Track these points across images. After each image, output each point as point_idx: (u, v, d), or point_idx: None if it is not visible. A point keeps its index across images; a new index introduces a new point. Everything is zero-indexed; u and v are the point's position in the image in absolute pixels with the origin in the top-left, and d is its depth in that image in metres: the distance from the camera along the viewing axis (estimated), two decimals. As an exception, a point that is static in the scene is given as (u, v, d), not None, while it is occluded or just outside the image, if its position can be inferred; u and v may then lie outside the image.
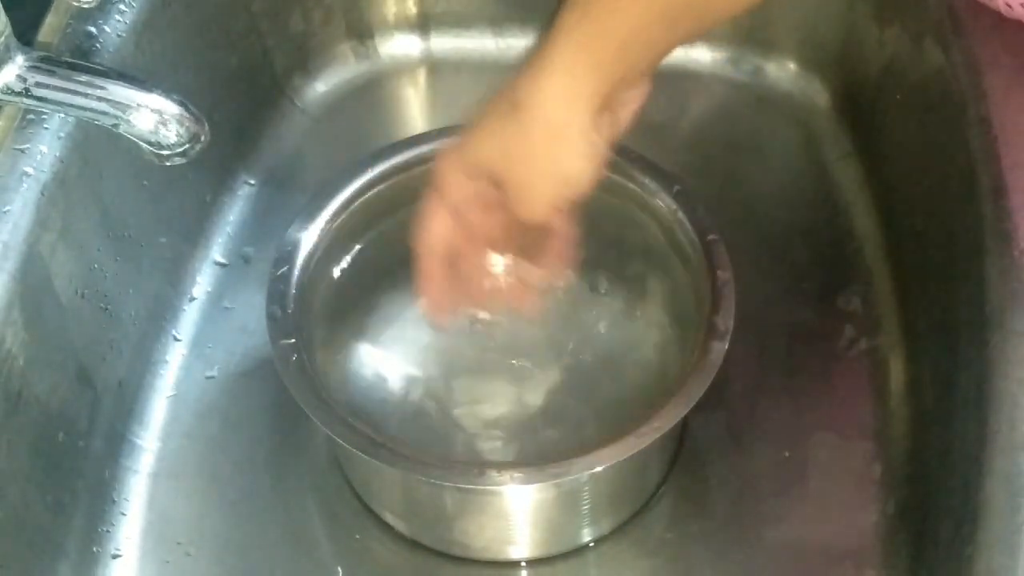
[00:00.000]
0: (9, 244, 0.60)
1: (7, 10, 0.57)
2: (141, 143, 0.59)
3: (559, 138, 0.57)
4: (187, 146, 0.60)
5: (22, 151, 0.63)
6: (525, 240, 0.63)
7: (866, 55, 0.82)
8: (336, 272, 0.70)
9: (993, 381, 0.58)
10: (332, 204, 0.70)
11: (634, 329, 0.72)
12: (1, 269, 0.59)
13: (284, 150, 0.88)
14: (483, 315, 0.71)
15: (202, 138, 0.60)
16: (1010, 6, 0.67)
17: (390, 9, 0.92)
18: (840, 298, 0.77)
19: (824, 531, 0.68)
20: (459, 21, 0.92)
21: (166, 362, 0.76)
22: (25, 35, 0.63)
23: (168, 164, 0.60)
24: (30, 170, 0.62)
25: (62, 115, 0.64)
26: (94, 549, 0.68)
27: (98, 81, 0.59)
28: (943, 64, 0.71)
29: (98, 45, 0.68)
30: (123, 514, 0.70)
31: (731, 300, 0.64)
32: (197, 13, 0.78)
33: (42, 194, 0.62)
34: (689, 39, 0.59)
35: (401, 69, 0.93)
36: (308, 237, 0.68)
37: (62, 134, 0.64)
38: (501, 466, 0.61)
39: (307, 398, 0.62)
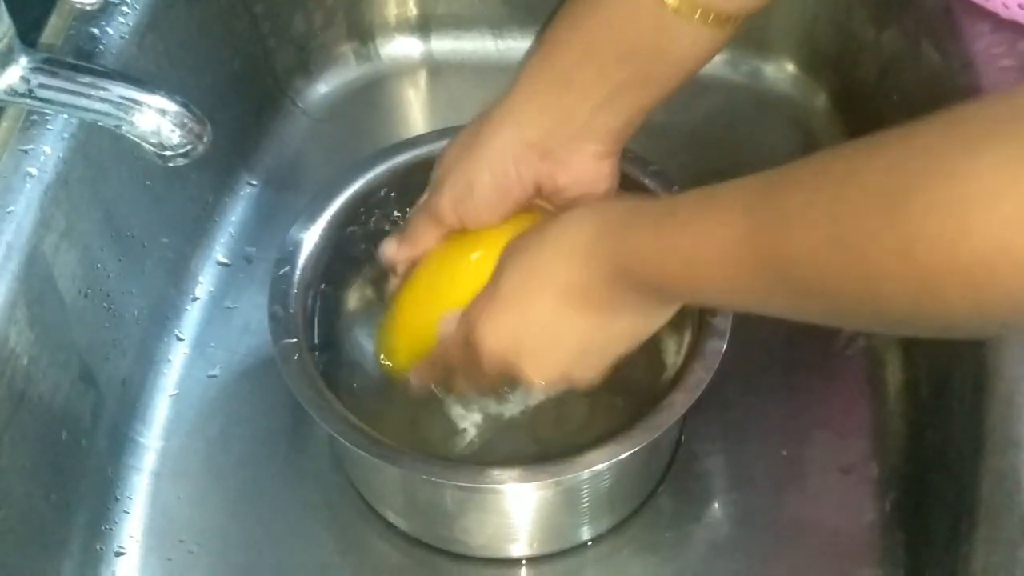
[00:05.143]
0: (13, 244, 0.60)
1: (11, 12, 0.58)
2: (144, 144, 0.59)
3: (489, 149, 0.61)
4: (189, 147, 0.60)
5: (26, 152, 0.63)
6: None
7: (864, 57, 0.83)
8: (337, 272, 0.71)
9: (989, 379, 0.59)
10: (333, 204, 0.70)
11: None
12: (5, 269, 0.60)
13: (286, 151, 0.88)
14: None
15: (204, 139, 0.60)
16: (1007, 7, 0.68)
17: (391, 11, 0.92)
18: (838, 297, 0.78)
19: (821, 529, 0.69)
20: (459, 23, 0.93)
21: (169, 361, 0.76)
22: (28, 37, 0.63)
23: (170, 165, 0.60)
24: (33, 171, 0.63)
25: (65, 116, 0.64)
26: (97, 547, 0.68)
27: (101, 82, 0.59)
28: (940, 65, 0.72)
29: (101, 46, 0.68)
30: (126, 512, 0.70)
31: (729, 299, 0.64)
32: (199, 15, 0.78)
33: (45, 194, 0.63)
34: (646, 100, 0.60)
35: (402, 71, 0.93)
36: (310, 237, 0.69)
37: (65, 135, 0.64)
38: (501, 464, 0.61)
39: (309, 397, 0.63)
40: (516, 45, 0.92)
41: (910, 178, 0.40)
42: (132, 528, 0.70)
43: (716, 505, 0.70)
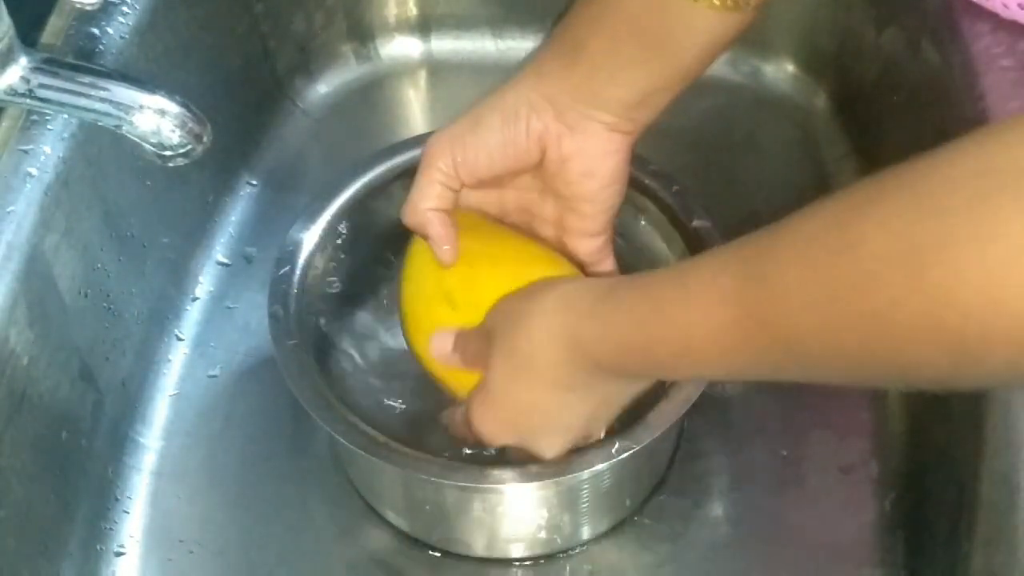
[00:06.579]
0: (13, 244, 0.60)
1: (11, 12, 0.58)
2: (144, 144, 0.59)
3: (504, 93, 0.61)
4: (189, 147, 0.60)
5: (26, 152, 0.63)
6: None
7: (864, 57, 0.83)
8: (338, 272, 0.71)
9: (989, 380, 0.59)
10: (333, 204, 0.70)
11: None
12: (5, 269, 0.60)
13: (286, 151, 0.88)
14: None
15: (204, 139, 0.60)
16: (1007, 7, 0.68)
17: (391, 11, 0.92)
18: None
19: (821, 529, 0.69)
20: (459, 23, 0.93)
21: (169, 361, 0.76)
22: (28, 37, 0.63)
23: (171, 165, 0.60)
24: (34, 171, 0.63)
25: (65, 116, 0.64)
26: (97, 547, 0.68)
27: (101, 82, 0.59)
28: (940, 65, 0.72)
29: (101, 46, 0.68)
30: (126, 512, 0.70)
31: (729, 300, 0.64)
32: (199, 15, 0.78)
33: (46, 194, 0.63)
34: (659, 80, 0.59)
35: (402, 71, 0.93)
36: (310, 237, 0.69)
37: (65, 135, 0.64)
38: (501, 464, 0.61)
39: (309, 397, 0.63)
40: (516, 45, 0.92)
41: (925, 241, 0.38)
42: (132, 528, 0.70)
43: (716, 505, 0.70)
